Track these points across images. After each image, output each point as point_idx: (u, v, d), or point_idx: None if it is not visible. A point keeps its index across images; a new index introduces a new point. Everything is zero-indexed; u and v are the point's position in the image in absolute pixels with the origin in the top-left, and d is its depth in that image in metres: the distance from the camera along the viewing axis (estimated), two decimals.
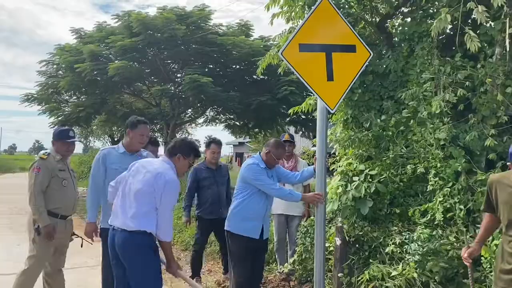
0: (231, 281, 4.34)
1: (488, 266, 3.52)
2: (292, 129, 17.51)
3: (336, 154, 5.39)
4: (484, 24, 4.12)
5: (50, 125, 16.63)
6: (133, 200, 3.23)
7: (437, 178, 4.13)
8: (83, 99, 16.52)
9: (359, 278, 4.04)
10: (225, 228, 4.27)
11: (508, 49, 3.95)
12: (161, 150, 7.52)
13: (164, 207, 3.23)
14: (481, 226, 3.08)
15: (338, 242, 4.29)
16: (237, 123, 18.16)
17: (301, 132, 17.19)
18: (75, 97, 17.28)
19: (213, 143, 5.61)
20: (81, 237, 4.24)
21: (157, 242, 3.32)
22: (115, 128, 22.33)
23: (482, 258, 3.54)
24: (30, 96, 16.51)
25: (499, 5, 3.70)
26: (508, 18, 3.96)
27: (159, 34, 13.94)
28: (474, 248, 2.99)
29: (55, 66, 16.34)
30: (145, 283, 3.22)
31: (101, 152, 4.15)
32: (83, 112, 15.08)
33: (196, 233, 5.80)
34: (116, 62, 14.08)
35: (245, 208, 4.15)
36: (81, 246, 4.29)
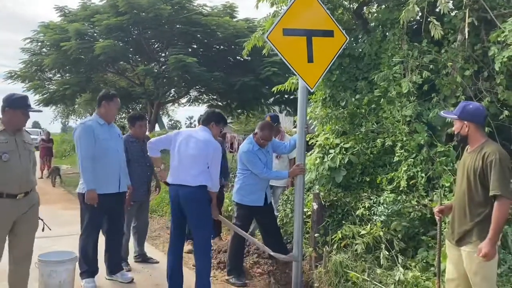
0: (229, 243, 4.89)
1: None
2: (276, 109, 17.97)
3: (315, 130, 5.90)
4: (448, 13, 4.63)
5: (36, 103, 16.75)
6: (192, 163, 4.01)
7: (402, 150, 4.67)
8: (68, 77, 16.62)
9: (333, 237, 4.58)
10: (233, 199, 4.92)
11: (467, 37, 4.46)
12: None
13: (214, 166, 4.07)
14: None
15: (315, 206, 4.81)
16: (220, 104, 18.48)
17: (285, 111, 17.67)
18: (59, 75, 17.34)
19: None
20: (41, 219, 3.83)
21: None
22: None
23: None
24: (13, 74, 16.55)
25: None
26: (467, 9, 4.45)
27: (144, 14, 14.11)
28: (446, 206, 3.29)
29: (39, 43, 16.35)
30: (204, 226, 4.08)
31: (87, 125, 4.33)
32: (69, 90, 15.22)
33: None
34: (101, 41, 14.22)
35: (249, 183, 4.75)
36: (42, 230, 3.86)
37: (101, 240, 4.56)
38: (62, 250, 4.24)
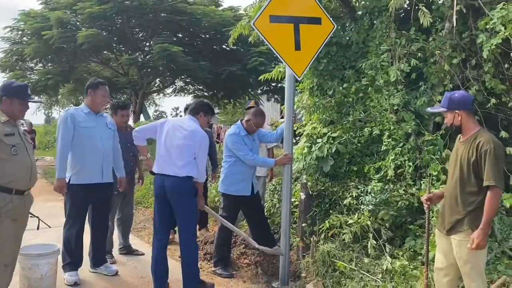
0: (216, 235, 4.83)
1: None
2: (264, 98, 17.91)
3: (303, 119, 5.85)
4: (436, 1, 4.58)
5: None
6: (179, 153, 3.93)
7: (390, 139, 4.63)
8: (50, 67, 16.27)
9: (320, 227, 4.55)
10: (219, 190, 4.83)
11: (455, 24, 4.42)
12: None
13: (201, 156, 4.00)
14: None
15: (303, 196, 4.77)
16: (206, 94, 18.31)
17: (273, 99, 17.63)
18: (41, 65, 16.98)
19: None
20: (37, 217, 3.74)
21: None
22: (82, 97, 22.03)
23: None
24: None
25: None
26: None
27: (128, 2, 13.84)
28: (434, 194, 3.27)
29: (19, 32, 15.95)
30: (189, 217, 4.01)
31: (68, 112, 4.27)
32: (51, 80, 14.86)
33: None
34: (83, 30, 13.92)
35: (234, 172, 4.66)
36: (37, 228, 3.78)
37: (86, 231, 4.46)
38: (43, 243, 4.12)
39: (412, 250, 4.11)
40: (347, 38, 5.41)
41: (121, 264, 4.85)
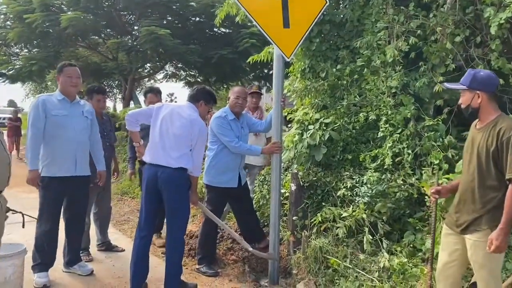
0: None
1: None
2: (256, 84, 17.43)
3: (294, 104, 5.48)
4: None
5: (1, 80, 15.87)
6: (175, 144, 3.63)
7: (387, 125, 4.27)
8: (35, 52, 15.73)
9: (312, 220, 4.22)
10: (204, 182, 4.46)
11: None
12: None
13: (198, 148, 3.73)
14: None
15: (293, 187, 4.44)
16: (198, 79, 17.85)
17: (265, 87, 17.13)
18: (26, 50, 16.45)
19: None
20: (20, 212, 3.13)
21: None
22: None
23: None
24: None
25: None
26: None
27: None
28: (443, 187, 2.97)
29: (2, 16, 15.38)
30: (183, 210, 3.72)
31: (40, 99, 3.92)
32: (35, 66, 14.33)
33: None
34: (69, 13, 13.38)
35: (219, 161, 4.31)
36: (23, 227, 3.23)
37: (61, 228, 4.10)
38: (9, 243, 3.76)
39: (411, 245, 3.79)
40: (341, 15, 5.00)
41: (98, 262, 4.51)
